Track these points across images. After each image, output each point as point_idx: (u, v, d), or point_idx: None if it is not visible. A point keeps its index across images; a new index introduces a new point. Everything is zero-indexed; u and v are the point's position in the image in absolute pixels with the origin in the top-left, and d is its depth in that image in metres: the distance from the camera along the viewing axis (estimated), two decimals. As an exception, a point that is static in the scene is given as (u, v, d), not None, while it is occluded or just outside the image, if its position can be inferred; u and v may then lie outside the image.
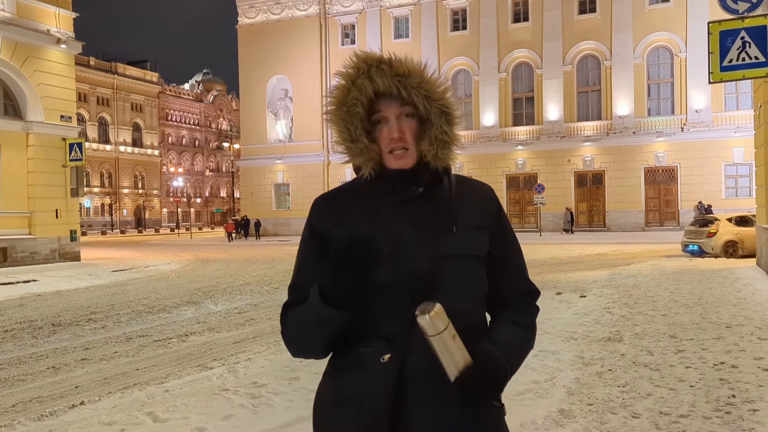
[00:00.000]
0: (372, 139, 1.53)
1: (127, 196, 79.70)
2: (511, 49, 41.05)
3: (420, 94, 1.50)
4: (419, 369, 1.44)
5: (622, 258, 19.81)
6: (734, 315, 8.70)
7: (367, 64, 1.51)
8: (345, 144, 1.55)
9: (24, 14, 21.58)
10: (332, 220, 1.56)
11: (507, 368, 1.47)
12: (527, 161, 40.63)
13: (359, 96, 1.50)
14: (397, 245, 1.48)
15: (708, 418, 4.54)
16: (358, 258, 1.40)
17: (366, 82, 1.50)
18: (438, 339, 1.37)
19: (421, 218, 1.51)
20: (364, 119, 1.52)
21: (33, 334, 9.12)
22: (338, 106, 1.53)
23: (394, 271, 1.47)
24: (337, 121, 1.54)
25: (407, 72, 1.50)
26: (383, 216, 1.52)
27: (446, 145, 1.53)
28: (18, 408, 5.50)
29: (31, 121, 21.73)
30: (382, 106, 1.51)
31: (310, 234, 1.60)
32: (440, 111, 1.52)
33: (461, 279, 1.50)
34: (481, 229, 1.57)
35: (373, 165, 1.53)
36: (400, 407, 1.44)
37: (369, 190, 1.55)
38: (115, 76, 77.34)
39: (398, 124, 1.51)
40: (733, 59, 10.65)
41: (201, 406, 5.14)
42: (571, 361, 6.30)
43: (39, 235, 21.78)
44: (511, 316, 1.59)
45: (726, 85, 34.72)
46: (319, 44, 44.99)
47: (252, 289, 13.95)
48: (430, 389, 1.45)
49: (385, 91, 1.50)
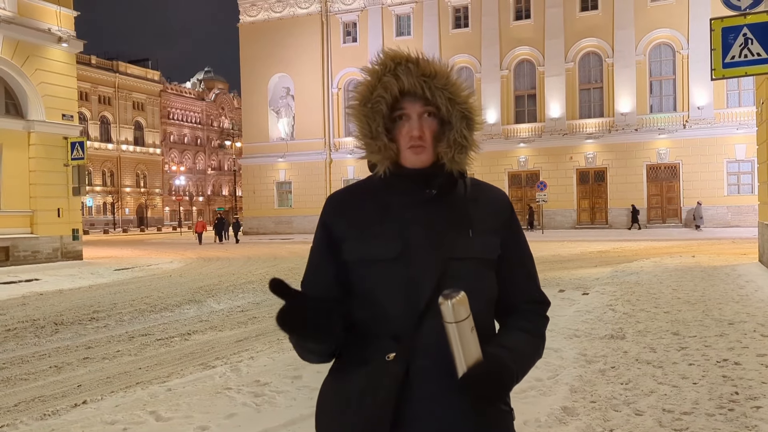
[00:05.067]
0: (391, 138, 1.53)
1: (129, 195, 79.76)
2: (513, 46, 41.00)
3: (444, 96, 1.50)
4: (425, 369, 1.44)
5: (624, 255, 19.79)
6: (737, 312, 8.69)
7: (395, 62, 1.51)
8: (365, 140, 1.54)
9: (25, 13, 21.58)
10: (345, 218, 1.56)
11: (514, 373, 1.45)
12: (529, 159, 40.60)
13: (384, 93, 1.50)
14: (409, 246, 1.48)
15: (711, 415, 4.53)
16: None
17: (392, 80, 1.50)
18: (456, 327, 1.35)
19: (434, 220, 1.51)
20: (387, 117, 1.52)
21: (35, 333, 9.13)
22: (362, 102, 1.53)
23: (405, 271, 1.47)
24: (360, 117, 1.54)
25: (434, 73, 1.50)
26: (396, 216, 1.51)
27: (464, 149, 1.53)
28: (20, 407, 5.51)
29: (33, 120, 21.74)
30: (405, 104, 1.51)
31: (322, 231, 1.60)
32: (462, 115, 1.51)
33: (471, 282, 1.49)
34: (493, 234, 1.56)
35: (389, 164, 1.53)
36: (404, 406, 1.43)
37: (383, 190, 1.55)
38: (117, 75, 77.36)
39: (419, 122, 1.51)
40: (735, 56, 10.64)
41: (204, 404, 5.14)
42: (574, 358, 6.29)
43: (41, 234, 21.80)
44: (521, 323, 1.58)
45: (728, 82, 34.65)
46: (320, 42, 44.95)
47: (254, 288, 13.95)
48: (436, 389, 1.43)
49: (409, 90, 1.50)
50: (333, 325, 1.44)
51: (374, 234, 1.51)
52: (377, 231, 1.51)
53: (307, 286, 1.58)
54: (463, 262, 1.49)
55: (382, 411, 1.42)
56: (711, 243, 24.39)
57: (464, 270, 1.49)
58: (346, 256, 1.54)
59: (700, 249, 21.03)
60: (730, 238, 27.25)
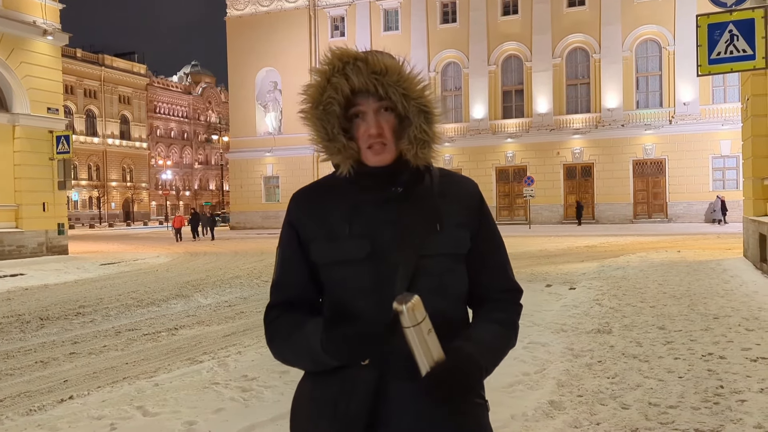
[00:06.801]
0: (350, 137, 1.49)
1: (115, 189, 79.28)
2: (501, 41, 41.09)
3: (398, 92, 1.45)
4: (399, 371, 1.42)
5: (610, 250, 19.90)
6: (722, 306, 8.76)
7: (342, 62, 1.46)
8: (322, 143, 1.51)
9: (9, 5, 21.33)
10: (311, 218, 1.54)
11: (481, 366, 1.43)
12: (516, 154, 40.73)
13: (335, 95, 1.46)
14: (378, 245, 1.46)
15: (697, 408, 4.57)
16: None
17: (342, 81, 1.45)
18: (413, 331, 1.35)
19: (402, 217, 1.48)
20: (341, 117, 1.48)
21: (20, 328, 9.05)
22: (314, 105, 1.49)
23: (375, 271, 1.45)
24: (313, 120, 1.50)
25: (384, 69, 1.45)
26: (363, 215, 1.49)
27: (426, 144, 1.49)
28: (6, 403, 5.46)
29: (18, 114, 21.50)
30: (359, 101, 1.47)
31: (289, 232, 1.57)
32: (419, 109, 1.47)
33: (441, 278, 1.48)
34: (463, 227, 1.53)
35: (352, 163, 1.50)
36: (379, 409, 1.42)
37: (349, 187, 1.52)
38: (103, 68, 76.77)
39: (376, 119, 1.46)
40: (721, 52, 10.70)
41: (191, 399, 5.13)
42: (560, 352, 6.32)
43: (26, 229, 21.60)
44: (492, 314, 1.55)
45: (714, 78, 34.92)
46: (308, 36, 44.84)
47: (242, 282, 13.91)
48: (410, 390, 1.42)
49: (361, 89, 1.46)
50: None
51: (342, 234, 1.48)
52: (345, 231, 1.47)
53: (281, 288, 1.56)
54: (434, 259, 1.47)
55: (357, 415, 1.41)
56: (696, 238, 24.58)
57: (435, 266, 1.47)
58: (314, 258, 1.52)
59: (685, 244, 21.18)
60: (715, 233, 27.47)
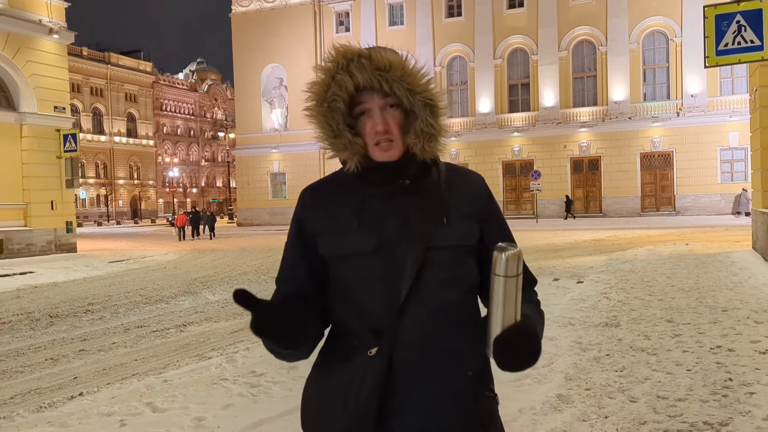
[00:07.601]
0: (356, 133, 1.50)
1: (122, 187, 79.51)
2: (507, 35, 40.91)
3: (402, 87, 1.45)
4: (408, 362, 1.42)
5: (618, 244, 19.84)
6: (730, 299, 8.73)
7: (346, 59, 1.46)
8: (328, 140, 1.51)
9: (15, 4, 21.41)
10: (320, 212, 1.54)
11: (540, 339, 1.42)
12: (523, 148, 40.60)
13: (339, 92, 1.46)
14: (385, 238, 1.46)
15: (705, 401, 4.56)
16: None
17: (346, 78, 1.45)
18: (504, 281, 1.33)
19: (410, 210, 1.48)
20: (346, 114, 1.48)
21: (30, 326, 9.11)
22: (318, 102, 1.49)
23: (382, 264, 1.45)
24: (318, 117, 1.50)
25: (388, 65, 1.45)
26: (371, 209, 1.49)
27: (433, 138, 1.49)
28: (17, 399, 5.50)
29: (25, 113, 21.61)
30: (364, 98, 1.47)
31: (294, 227, 1.58)
32: (424, 103, 1.48)
33: (450, 270, 1.48)
34: (471, 219, 1.53)
35: (359, 159, 1.50)
36: (388, 401, 1.42)
37: (357, 182, 1.52)
38: (109, 66, 76.92)
39: (382, 116, 1.47)
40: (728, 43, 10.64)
41: (200, 395, 5.15)
42: (568, 346, 6.31)
43: (35, 227, 21.73)
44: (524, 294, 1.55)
45: (721, 70, 34.73)
46: (313, 32, 44.76)
47: (249, 279, 13.95)
48: (419, 382, 1.42)
49: (365, 85, 1.46)
50: (306, 327, 1.43)
51: (350, 228, 1.48)
52: (353, 225, 1.48)
53: (283, 283, 1.57)
54: (442, 251, 1.47)
55: (366, 409, 1.41)
56: (704, 231, 24.48)
57: (443, 259, 1.47)
58: (322, 252, 1.52)
59: (693, 237, 21.10)
60: (723, 225, 27.35)
